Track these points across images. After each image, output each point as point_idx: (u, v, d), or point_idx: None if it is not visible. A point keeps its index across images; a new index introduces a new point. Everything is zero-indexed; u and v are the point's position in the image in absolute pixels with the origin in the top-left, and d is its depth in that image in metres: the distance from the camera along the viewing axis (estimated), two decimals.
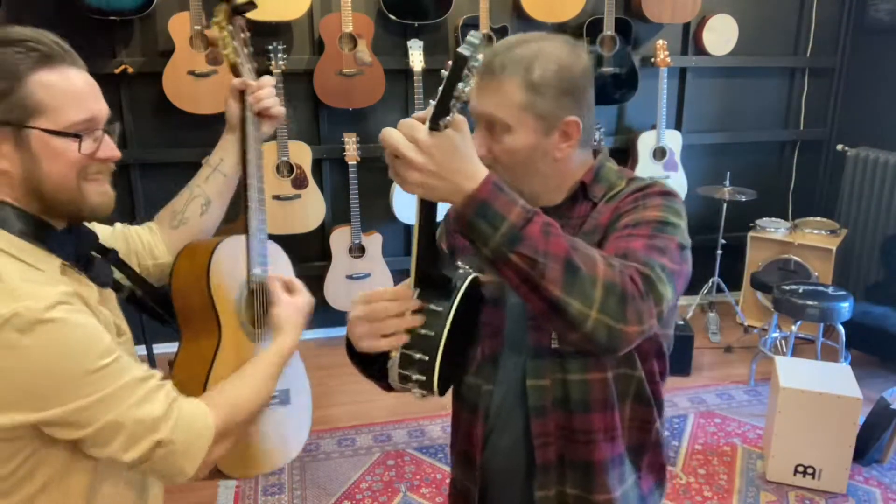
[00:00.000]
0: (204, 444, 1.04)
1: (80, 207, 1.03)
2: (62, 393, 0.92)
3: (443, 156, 0.90)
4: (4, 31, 0.97)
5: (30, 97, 0.96)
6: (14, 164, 0.97)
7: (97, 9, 3.18)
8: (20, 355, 0.89)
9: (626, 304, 0.92)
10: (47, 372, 0.91)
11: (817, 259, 3.89)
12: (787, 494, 2.72)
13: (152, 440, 0.98)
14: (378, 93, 3.57)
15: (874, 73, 4.16)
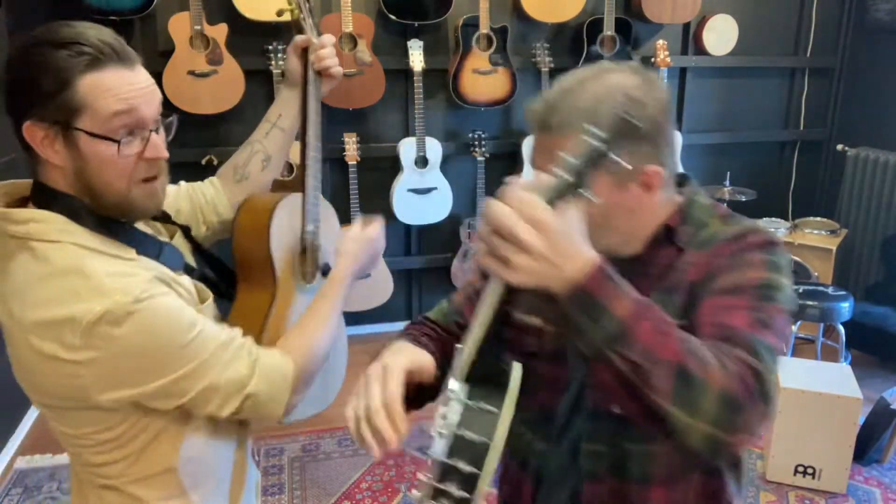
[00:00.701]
0: (286, 391, 1.12)
1: (128, 209, 1.06)
2: (159, 369, 1.00)
3: (561, 238, 0.78)
4: (57, 31, 0.99)
5: (75, 98, 0.97)
6: (66, 161, 1.02)
7: (97, 9, 3.19)
8: (117, 344, 0.97)
9: (740, 414, 0.79)
10: (143, 354, 0.99)
11: (817, 259, 3.88)
12: (787, 494, 2.72)
13: (242, 395, 1.07)
14: (378, 93, 3.57)
15: (874, 73, 4.16)
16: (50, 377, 1.00)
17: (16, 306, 0.99)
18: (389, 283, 3.84)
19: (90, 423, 1.05)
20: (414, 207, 3.73)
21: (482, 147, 3.74)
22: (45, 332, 0.97)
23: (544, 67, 3.73)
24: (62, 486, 2.76)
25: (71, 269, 0.97)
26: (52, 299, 0.96)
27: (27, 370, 1.04)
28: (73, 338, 0.95)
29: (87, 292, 0.96)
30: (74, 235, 1.00)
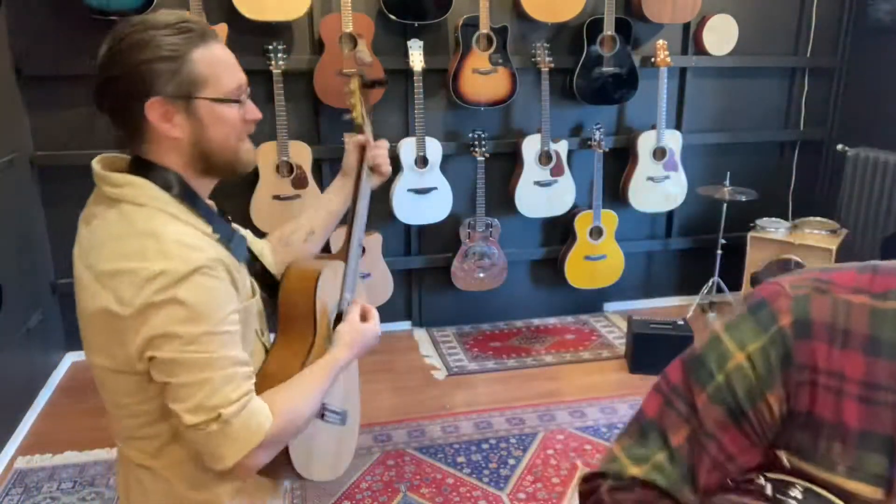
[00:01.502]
0: (250, 442, 1.10)
1: (236, 164, 1.20)
2: (182, 341, 1.05)
3: None
4: (161, 16, 1.11)
5: (194, 72, 1.10)
6: (185, 131, 1.13)
7: (97, 9, 3.18)
8: (161, 305, 1.04)
9: None
10: (178, 321, 1.05)
11: (817, 259, 3.88)
12: None
13: (215, 413, 1.07)
14: (378, 93, 3.57)
15: (874, 73, 4.16)
16: (102, 332, 1.09)
17: (92, 258, 1.09)
18: (389, 283, 3.84)
19: (131, 392, 1.12)
20: (414, 207, 3.73)
21: (482, 147, 3.74)
22: (107, 283, 1.06)
23: (544, 67, 3.73)
24: (62, 486, 2.76)
25: (147, 232, 1.07)
26: (122, 255, 1.06)
27: (87, 324, 1.12)
28: (126, 291, 1.04)
29: (154, 253, 1.05)
30: (161, 202, 1.11)
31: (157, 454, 1.18)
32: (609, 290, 4.34)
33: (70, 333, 3.78)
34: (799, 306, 0.78)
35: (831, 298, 0.77)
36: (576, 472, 2.85)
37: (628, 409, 3.32)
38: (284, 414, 1.16)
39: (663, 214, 4.39)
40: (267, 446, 1.13)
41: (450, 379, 3.63)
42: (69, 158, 3.51)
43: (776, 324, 0.78)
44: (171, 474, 1.19)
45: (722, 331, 0.82)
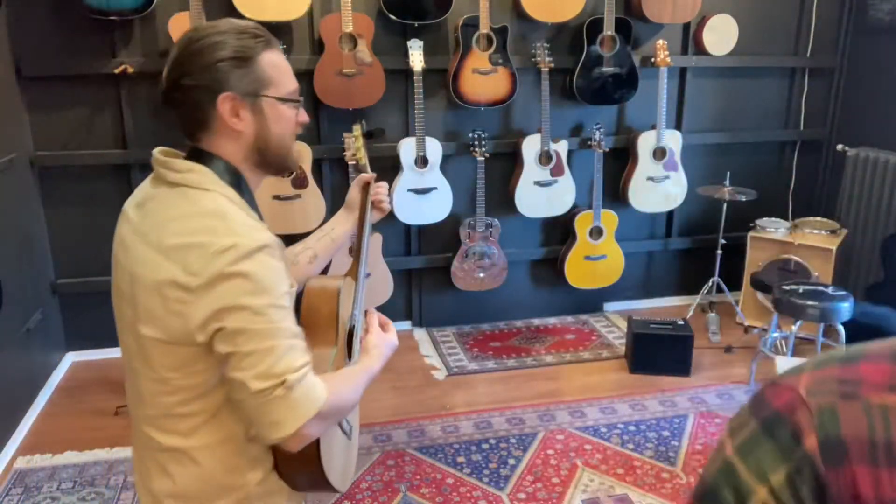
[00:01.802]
0: (310, 410, 1.15)
1: (288, 160, 1.31)
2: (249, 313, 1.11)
3: None
4: (234, 22, 1.22)
5: (262, 73, 1.21)
6: (249, 126, 1.22)
7: (97, 9, 3.18)
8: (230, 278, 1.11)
9: None
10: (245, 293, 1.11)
11: (817, 259, 3.89)
12: None
13: (281, 379, 1.12)
14: (378, 93, 3.57)
15: (874, 73, 4.16)
16: (162, 303, 1.13)
17: (155, 235, 1.15)
18: (389, 282, 3.84)
19: (179, 365, 1.16)
20: (414, 207, 3.73)
21: (482, 147, 3.74)
22: (174, 255, 1.12)
23: (544, 67, 3.73)
24: (62, 486, 2.76)
25: (214, 212, 1.15)
26: (191, 230, 1.13)
27: (145, 295, 1.16)
28: (196, 263, 1.10)
29: (223, 230, 1.13)
30: (222, 188, 1.20)
31: (191, 433, 1.21)
32: (609, 290, 4.33)
33: (70, 333, 3.78)
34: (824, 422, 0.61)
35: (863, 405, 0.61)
36: (576, 471, 2.85)
37: (628, 409, 3.32)
38: (336, 393, 1.21)
39: (663, 214, 4.39)
40: (321, 418, 1.17)
41: (450, 379, 3.63)
42: (69, 158, 3.51)
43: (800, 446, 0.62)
44: (203, 455, 1.22)
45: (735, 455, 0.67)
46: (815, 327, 3.63)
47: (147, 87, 3.51)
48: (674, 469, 2.87)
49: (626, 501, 2.67)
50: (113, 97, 3.51)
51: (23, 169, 3.39)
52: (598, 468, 2.87)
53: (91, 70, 3.43)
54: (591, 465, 2.89)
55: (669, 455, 2.97)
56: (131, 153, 3.56)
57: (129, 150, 3.56)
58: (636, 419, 3.24)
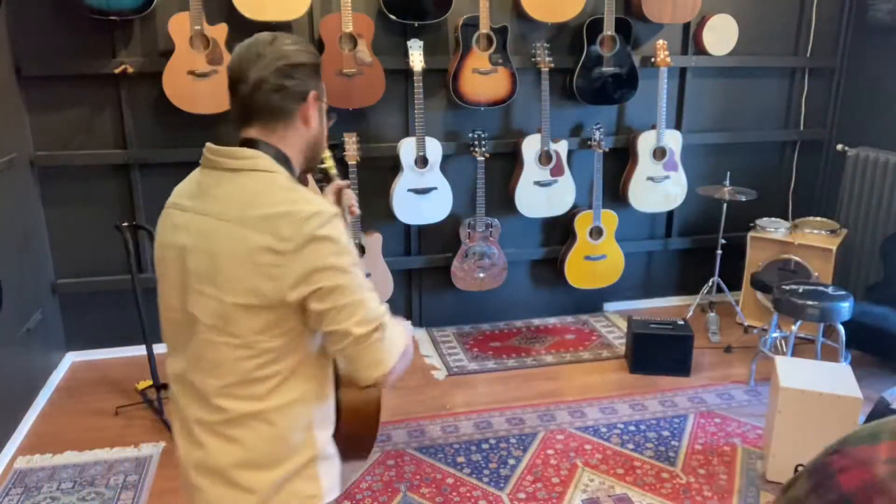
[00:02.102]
0: (399, 347, 1.30)
1: (317, 161, 1.46)
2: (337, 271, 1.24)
3: None
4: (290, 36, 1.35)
5: (322, 82, 1.39)
6: (312, 125, 1.36)
7: (97, 9, 3.18)
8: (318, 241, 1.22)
9: None
10: (331, 254, 1.23)
11: (817, 259, 3.89)
12: None
13: (378, 322, 1.26)
14: (378, 93, 3.57)
15: (874, 73, 4.16)
16: (251, 270, 1.22)
17: (234, 212, 1.24)
18: (389, 282, 3.84)
19: (264, 328, 1.25)
20: (414, 207, 3.73)
21: (482, 147, 3.74)
22: (264, 226, 1.21)
23: (544, 67, 3.73)
24: (62, 486, 2.76)
25: (289, 187, 1.28)
26: (276, 202, 1.24)
27: (230, 266, 1.23)
28: (287, 229, 1.21)
29: (303, 200, 1.25)
30: (282, 170, 1.31)
31: (267, 396, 1.28)
32: (609, 290, 4.33)
33: (70, 333, 3.78)
34: None
35: None
36: (576, 471, 2.85)
37: (628, 409, 3.33)
38: (405, 333, 1.36)
39: (663, 214, 4.39)
40: (405, 355, 1.32)
41: (450, 379, 3.63)
42: (69, 158, 3.51)
43: None
44: (277, 416, 1.29)
45: None
46: (815, 327, 3.63)
47: (147, 87, 3.51)
48: (674, 469, 2.87)
49: (626, 501, 2.67)
50: (113, 97, 3.51)
51: (23, 169, 3.39)
52: (598, 468, 2.87)
53: (91, 70, 3.43)
54: (591, 465, 2.89)
55: (669, 455, 2.97)
56: (131, 153, 3.56)
57: (129, 150, 3.56)
58: (636, 419, 3.24)
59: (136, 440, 3.06)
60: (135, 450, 2.99)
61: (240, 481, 1.29)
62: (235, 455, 1.29)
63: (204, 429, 1.31)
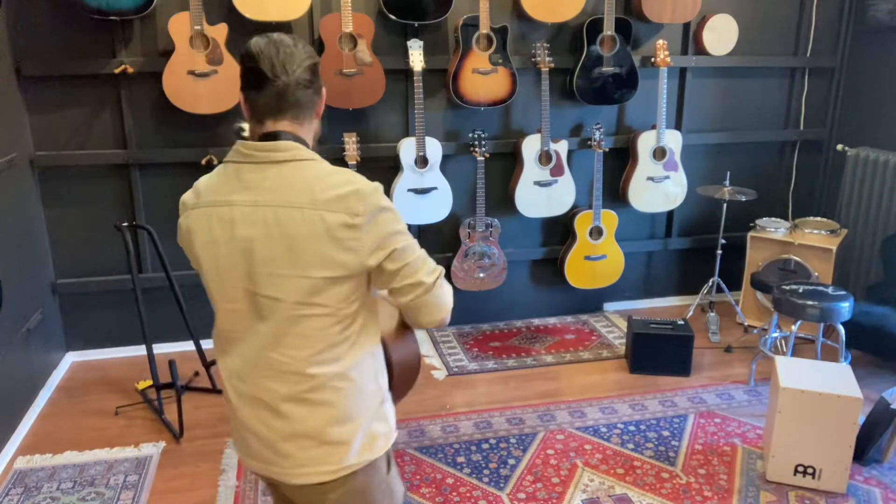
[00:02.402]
0: (450, 290, 1.53)
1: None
2: (401, 234, 1.42)
3: None
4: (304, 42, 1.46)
5: None
6: (319, 116, 1.51)
7: (97, 9, 3.18)
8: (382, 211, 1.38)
9: None
10: (392, 221, 1.40)
11: (817, 259, 3.89)
12: (787, 494, 2.72)
13: (440, 270, 1.48)
14: (378, 93, 3.57)
15: (874, 73, 4.16)
16: (333, 246, 1.35)
17: (304, 198, 1.35)
18: None
19: (345, 296, 1.39)
20: (414, 207, 3.73)
21: (482, 147, 3.74)
22: (337, 206, 1.34)
23: (544, 67, 3.73)
24: (62, 486, 2.76)
25: (339, 169, 1.41)
26: (338, 183, 1.36)
27: (311, 246, 1.35)
28: (357, 205, 1.35)
29: (357, 178, 1.39)
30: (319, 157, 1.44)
31: (347, 356, 1.43)
32: (609, 290, 4.34)
33: (70, 333, 3.78)
34: None
35: None
36: (576, 471, 2.85)
37: (628, 409, 3.33)
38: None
39: (663, 214, 4.39)
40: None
41: (450, 379, 3.63)
42: (69, 158, 3.51)
43: None
44: (356, 372, 1.44)
45: None
46: (815, 327, 3.63)
47: (147, 87, 3.51)
48: (674, 469, 2.87)
49: (626, 501, 2.67)
50: (113, 97, 3.51)
51: (23, 169, 3.39)
52: (598, 468, 2.87)
53: (91, 70, 3.43)
54: (591, 465, 2.89)
55: (669, 455, 2.97)
56: (131, 153, 3.56)
57: (129, 150, 3.56)
58: (636, 419, 3.24)
59: (136, 440, 3.06)
60: (135, 450, 2.99)
61: (333, 438, 1.43)
62: (327, 416, 1.42)
63: (291, 401, 1.42)
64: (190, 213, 1.42)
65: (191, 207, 1.42)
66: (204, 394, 3.44)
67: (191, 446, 3.02)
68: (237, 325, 1.43)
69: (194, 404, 3.34)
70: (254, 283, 1.38)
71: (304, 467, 1.43)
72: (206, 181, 1.44)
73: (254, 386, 1.44)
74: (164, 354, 3.71)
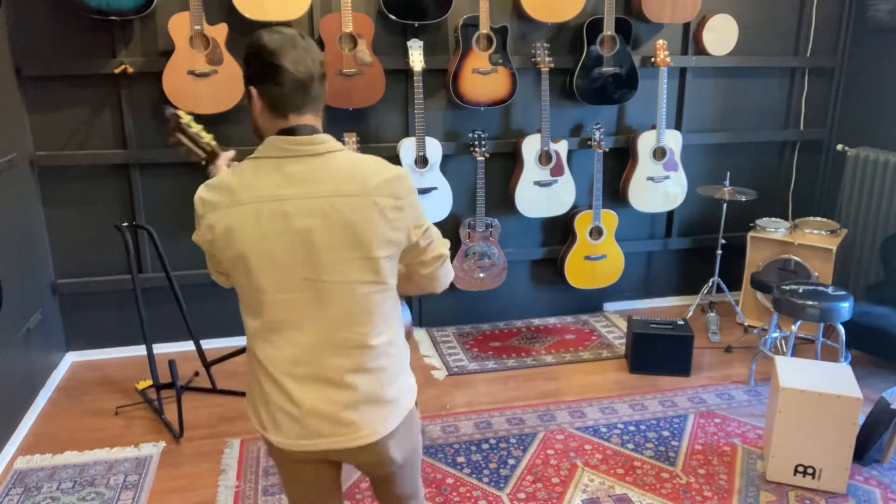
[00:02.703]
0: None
1: None
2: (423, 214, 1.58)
3: None
4: None
5: None
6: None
7: (97, 9, 3.18)
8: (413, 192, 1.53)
9: None
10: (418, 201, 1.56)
11: (817, 259, 3.89)
12: (787, 494, 2.72)
13: (448, 246, 1.67)
14: (378, 93, 3.57)
15: (874, 73, 4.17)
16: (387, 226, 1.47)
17: (355, 186, 1.45)
18: None
19: (393, 271, 1.54)
20: None
21: (482, 147, 3.74)
22: (384, 190, 1.47)
23: (544, 67, 3.73)
24: (62, 486, 2.76)
25: (369, 157, 1.52)
26: (378, 170, 1.49)
27: (374, 228, 1.46)
28: (399, 188, 1.48)
29: (390, 164, 1.52)
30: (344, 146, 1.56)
31: (393, 324, 1.60)
32: (609, 290, 4.34)
33: (70, 333, 3.78)
34: None
35: None
36: (576, 471, 2.85)
37: (628, 409, 3.33)
38: None
39: (663, 214, 4.39)
40: None
41: (450, 379, 3.63)
42: (69, 158, 3.51)
43: None
44: (398, 336, 1.62)
45: None
46: (815, 327, 3.63)
47: (147, 87, 3.51)
48: (674, 469, 2.87)
49: (626, 501, 2.67)
50: (113, 97, 3.51)
51: (23, 169, 3.39)
52: (598, 468, 2.88)
53: (91, 70, 3.43)
54: (591, 465, 2.89)
55: (669, 455, 2.97)
56: (131, 153, 3.56)
57: (129, 150, 3.56)
58: (636, 419, 3.24)
59: (136, 440, 3.06)
60: (135, 450, 2.99)
61: (388, 397, 1.57)
62: (381, 379, 1.56)
63: (353, 372, 1.53)
64: (226, 212, 1.43)
65: (227, 206, 1.43)
66: (204, 394, 3.44)
67: (191, 446, 3.02)
68: (292, 314, 1.48)
69: (194, 404, 3.35)
70: (317, 271, 1.45)
71: (366, 428, 1.55)
72: (239, 178, 1.45)
73: (316, 367, 1.51)
74: (164, 354, 3.71)
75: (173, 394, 3.18)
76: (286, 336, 1.50)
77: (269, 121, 1.47)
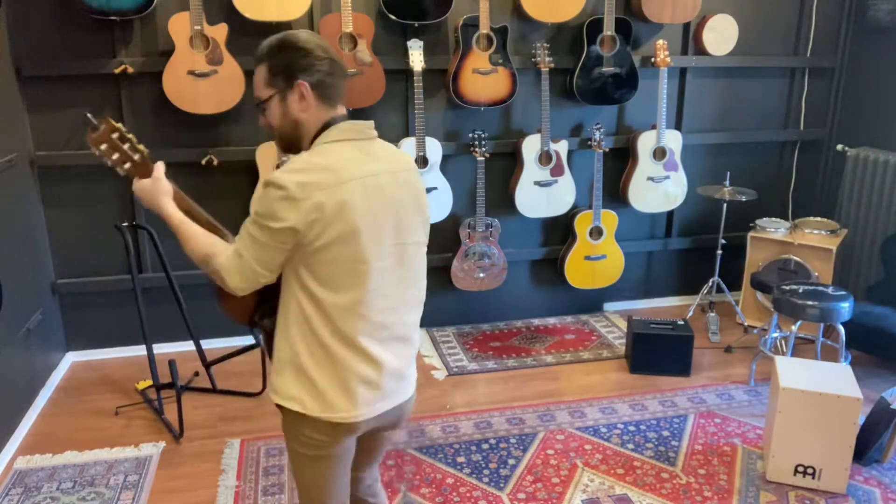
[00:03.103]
0: None
1: None
2: None
3: None
4: None
5: None
6: None
7: (97, 9, 3.18)
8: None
9: None
10: None
11: (817, 259, 3.89)
12: (787, 494, 2.72)
13: None
14: (378, 93, 3.57)
15: (874, 73, 4.17)
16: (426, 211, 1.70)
17: (407, 163, 1.67)
18: None
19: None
20: None
21: (482, 147, 3.74)
22: (416, 169, 1.70)
23: (544, 67, 3.73)
24: (62, 486, 2.76)
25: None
26: (402, 151, 1.73)
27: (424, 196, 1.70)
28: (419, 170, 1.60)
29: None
30: None
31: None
32: (609, 290, 4.34)
33: (70, 333, 3.78)
34: None
35: None
36: (576, 471, 2.85)
37: (628, 409, 3.33)
38: None
39: (663, 214, 4.39)
40: None
41: (450, 379, 3.63)
42: (69, 158, 3.51)
43: None
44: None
45: None
46: (815, 327, 3.63)
47: (147, 87, 3.51)
48: (674, 469, 2.87)
49: (626, 501, 2.67)
50: (113, 97, 3.51)
51: (23, 169, 3.39)
52: (598, 468, 2.88)
53: (91, 70, 3.43)
54: (591, 465, 2.89)
55: (669, 455, 2.97)
56: None
57: None
58: (636, 419, 3.24)
59: (136, 440, 3.06)
60: (135, 450, 2.99)
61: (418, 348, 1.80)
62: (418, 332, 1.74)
63: (416, 327, 1.72)
64: (337, 189, 1.49)
65: (334, 184, 1.49)
66: (204, 394, 3.44)
67: (191, 446, 3.02)
68: (384, 280, 1.60)
69: (194, 404, 3.34)
70: (401, 235, 1.62)
71: (412, 379, 1.75)
72: (336, 158, 1.53)
73: (397, 326, 1.65)
74: (164, 354, 3.71)
75: (173, 394, 3.17)
76: (375, 304, 1.59)
77: (318, 112, 1.58)
